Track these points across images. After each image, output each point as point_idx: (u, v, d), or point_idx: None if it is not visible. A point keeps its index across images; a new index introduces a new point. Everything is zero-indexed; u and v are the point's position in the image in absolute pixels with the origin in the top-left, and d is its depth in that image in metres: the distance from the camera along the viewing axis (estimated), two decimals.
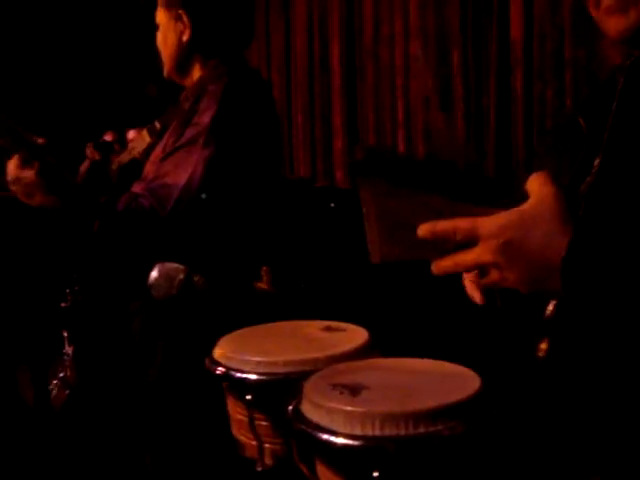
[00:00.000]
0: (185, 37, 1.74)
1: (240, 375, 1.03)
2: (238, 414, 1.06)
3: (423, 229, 0.89)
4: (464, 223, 0.88)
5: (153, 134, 1.80)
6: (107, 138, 5.81)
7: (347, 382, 0.89)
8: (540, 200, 0.88)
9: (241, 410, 1.05)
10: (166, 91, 1.93)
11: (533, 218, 0.87)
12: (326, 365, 0.99)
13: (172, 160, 1.61)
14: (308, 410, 0.87)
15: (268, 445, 1.04)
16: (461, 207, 1.01)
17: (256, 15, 1.93)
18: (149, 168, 1.69)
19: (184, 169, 1.59)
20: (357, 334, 1.12)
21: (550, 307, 1.02)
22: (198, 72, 1.78)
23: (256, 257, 1.82)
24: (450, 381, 0.89)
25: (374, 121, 4.80)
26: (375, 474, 0.80)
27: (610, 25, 1.02)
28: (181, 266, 1.30)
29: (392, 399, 0.84)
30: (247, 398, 1.02)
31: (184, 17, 1.73)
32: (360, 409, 0.82)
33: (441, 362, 0.96)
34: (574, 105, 3.25)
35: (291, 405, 0.90)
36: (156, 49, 1.82)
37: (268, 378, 1.02)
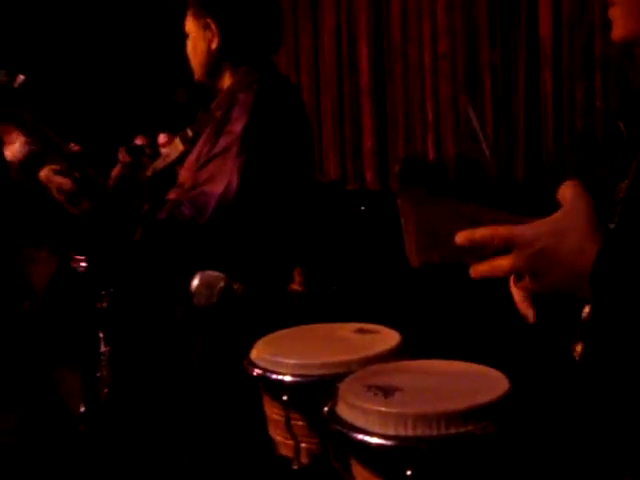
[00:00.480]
0: (214, 45, 1.78)
1: (276, 377, 1.07)
2: (275, 414, 1.10)
3: (461, 236, 0.93)
4: (501, 231, 0.91)
5: (186, 142, 1.84)
6: (138, 142, 5.89)
7: (381, 384, 0.92)
8: (572, 209, 0.91)
9: (277, 410, 1.09)
10: (195, 96, 1.96)
11: (566, 227, 0.91)
12: (359, 367, 1.03)
13: (208, 169, 1.65)
14: (343, 411, 0.90)
15: (304, 444, 1.08)
16: (496, 214, 1.03)
17: (284, 18, 1.95)
18: (185, 175, 1.73)
19: (220, 178, 1.62)
20: (389, 336, 1.15)
21: (586, 310, 1.05)
22: (228, 79, 1.81)
23: (290, 260, 1.85)
24: (480, 382, 0.92)
25: (403, 121, 4.80)
26: (408, 473, 0.83)
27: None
28: (221, 274, 1.34)
29: (424, 400, 0.87)
30: (283, 399, 1.06)
31: (212, 26, 1.77)
32: (394, 410, 0.85)
33: (470, 364, 0.99)
34: (604, 106, 3.23)
35: (327, 406, 0.94)
36: (185, 54, 1.86)
37: (303, 380, 1.06)
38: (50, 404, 1.87)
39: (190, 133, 1.84)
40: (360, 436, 0.85)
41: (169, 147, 1.93)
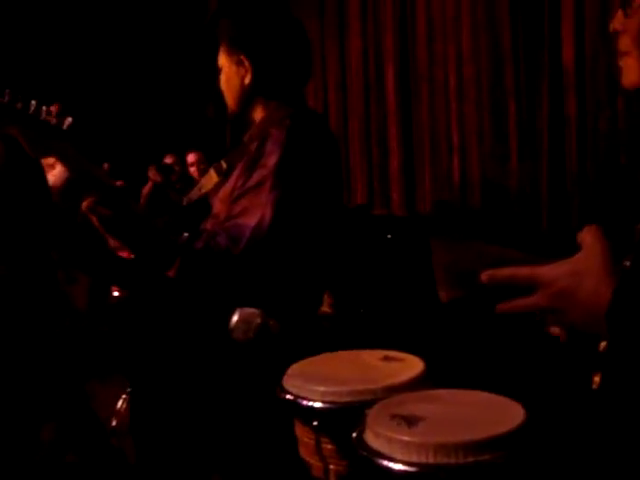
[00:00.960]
0: (247, 80, 1.83)
1: (307, 403, 1.15)
2: (305, 437, 1.18)
3: (486, 276, 1.00)
4: (523, 271, 0.99)
5: (220, 173, 1.91)
6: (168, 160, 5.98)
7: (405, 413, 1.00)
8: (591, 253, 0.99)
9: (308, 434, 1.16)
10: (223, 112, 2.02)
11: (583, 270, 0.98)
12: (384, 395, 1.11)
13: (243, 202, 1.72)
14: (370, 438, 0.98)
15: (333, 466, 1.15)
16: (517, 255, 1.11)
17: (311, 41, 2.00)
18: (220, 207, 1.80)
19: (254, 211, 1.69)
20: (413, 364, 1.22)
21: (603, 343, 1.11)
22: (261, 111, 1.88)
23: (321, 286, 1.92)
24: (497, 413, 0.99)
25: (429, 143, 4.87)
26: None
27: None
28: (257, 310, 1.41)
29: (444, 430, 0.95)
30: (314, 424, 1.14)
31: (246, 62, 1.82)
32: (417, 439, 0.93)
33: (489, 394, 1.06)
34: (627, 130, 3.27)
35: (355, 432, 1.01)
36: (215, 71, 1.91)
37: (332, 406, 1.14)
38: (85, 416, 1.93)
39: (224, 165, 1.91)
40: (385, 462, 0.93)
41: (204, 178, 2.01)
